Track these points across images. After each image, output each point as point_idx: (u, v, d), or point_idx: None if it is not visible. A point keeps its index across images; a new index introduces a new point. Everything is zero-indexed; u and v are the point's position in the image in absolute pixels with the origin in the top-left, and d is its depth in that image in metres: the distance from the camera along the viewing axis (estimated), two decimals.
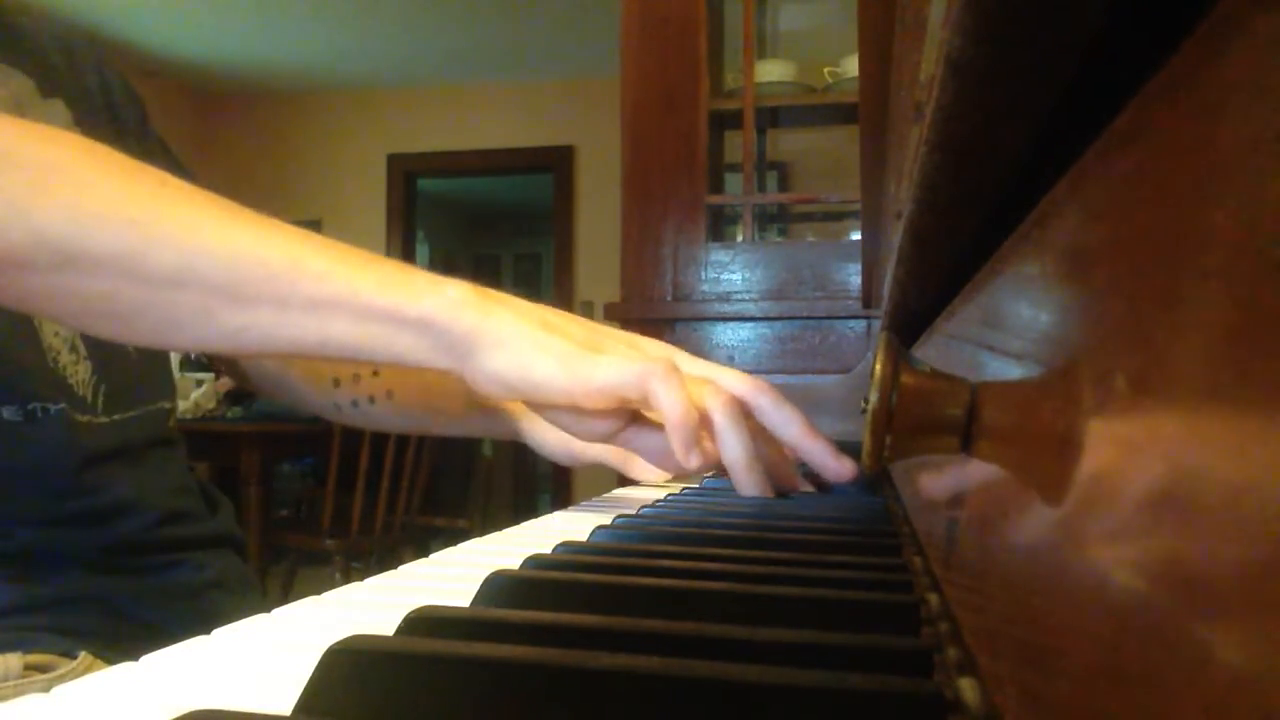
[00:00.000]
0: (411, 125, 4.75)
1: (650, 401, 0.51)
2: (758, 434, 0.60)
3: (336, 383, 0.80)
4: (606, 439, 0.57)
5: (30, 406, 0.64)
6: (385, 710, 0.21)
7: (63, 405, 0.65)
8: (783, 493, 0.60)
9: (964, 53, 0.19)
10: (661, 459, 0.58)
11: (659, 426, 0.54)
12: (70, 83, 0.79)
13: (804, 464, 0.63)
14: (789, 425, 0.59)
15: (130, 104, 0.86)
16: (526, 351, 0.50)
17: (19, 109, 0.72)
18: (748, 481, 0.57)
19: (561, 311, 0.56)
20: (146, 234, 0.47)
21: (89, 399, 0.68)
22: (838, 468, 0.60)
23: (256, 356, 0.52)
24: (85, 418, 0.67)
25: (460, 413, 0.79)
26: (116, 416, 0.70)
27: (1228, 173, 0.11)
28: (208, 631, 0.28)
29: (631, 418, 0.56)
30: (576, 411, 0.53)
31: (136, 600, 0.65)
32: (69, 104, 0.77)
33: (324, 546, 2.94)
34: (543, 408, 0.54)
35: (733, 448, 0.56)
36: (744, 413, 0.57)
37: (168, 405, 0.77)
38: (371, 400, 0.80)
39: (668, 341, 0.63)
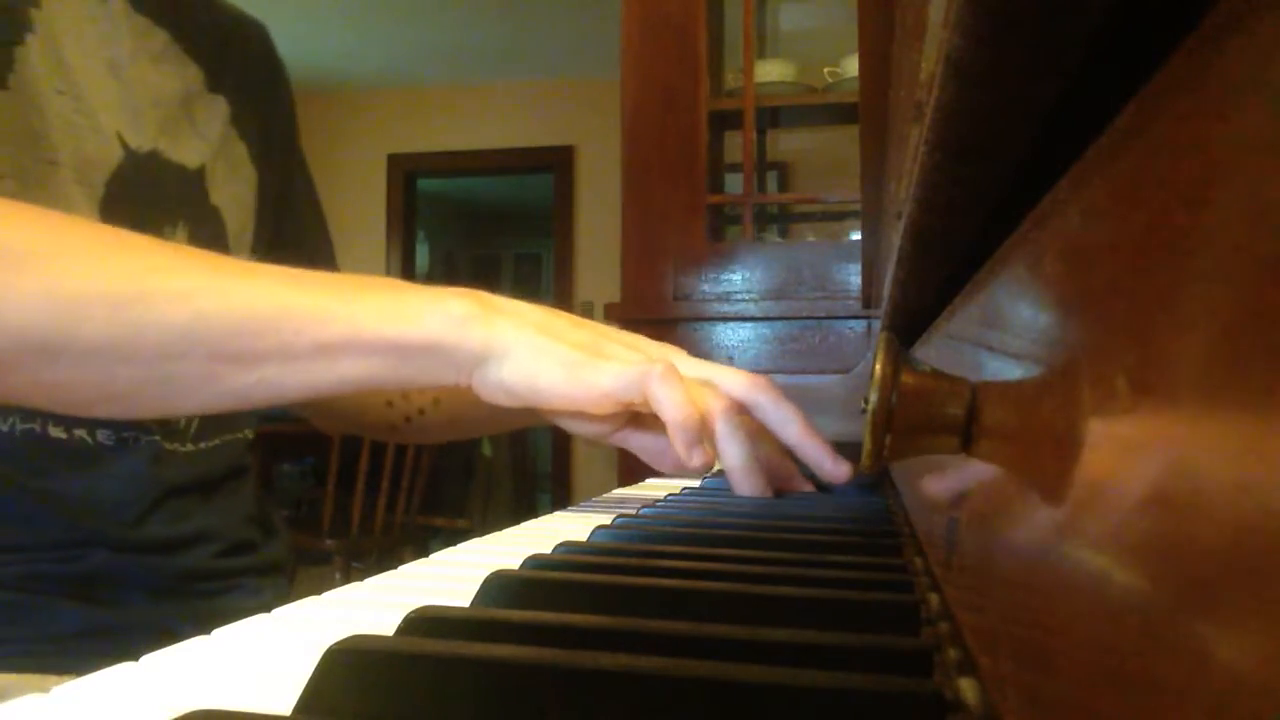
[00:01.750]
0: (411, 125, 4.75)
1: (651, 403, 0.52)
2: (757, 432, 0.60)
3: (390, 403, 0.80)
4: (604, 438, 0.57)
5: (125, 434, 0.63)
6: (385, 710, 0.21)
7: (155, 436, 0.65)
8: (781, 492, 0.60)
9: (964, 52, 0.19)
10: (658, 458, 0.58)
11: (656, 426, 0.54)
12: (235, 79, 0.77)
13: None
14: (788, 425, 0.59)
15: (284, 109, 0.85)
16: (531, 360, 0.50)
17: (186, 102, 0.72)
18: (746, 485, 0.57)
19: (561, 312, 0.56)
20: (135, 314, 0.45)
21: (182, 424, 0.67)
22: (834, 469, 0.59)
23: (271, 406, 0.51)
24: (173, 445, 0.67)
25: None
26: (203, 444, 0.69)
27: (1228, 173, 0.11)
28: None
29: (630, 417, 0.56)
30: (579, 415, 0.54)
31: (194, 626, 0.65)
32: (230, 101, 0.76)
33: (324, 546, 2.94)
34: (548, 412, 0.55)
35: (731, 454, 0.56)
36: (743, 414, 0.57)
37: (250, 433, 0.76)
38: (421, 412, 0.80)
39: (667, 343, 0.63)
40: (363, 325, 0.48)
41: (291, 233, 0.83)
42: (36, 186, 0.58)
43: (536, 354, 0.50)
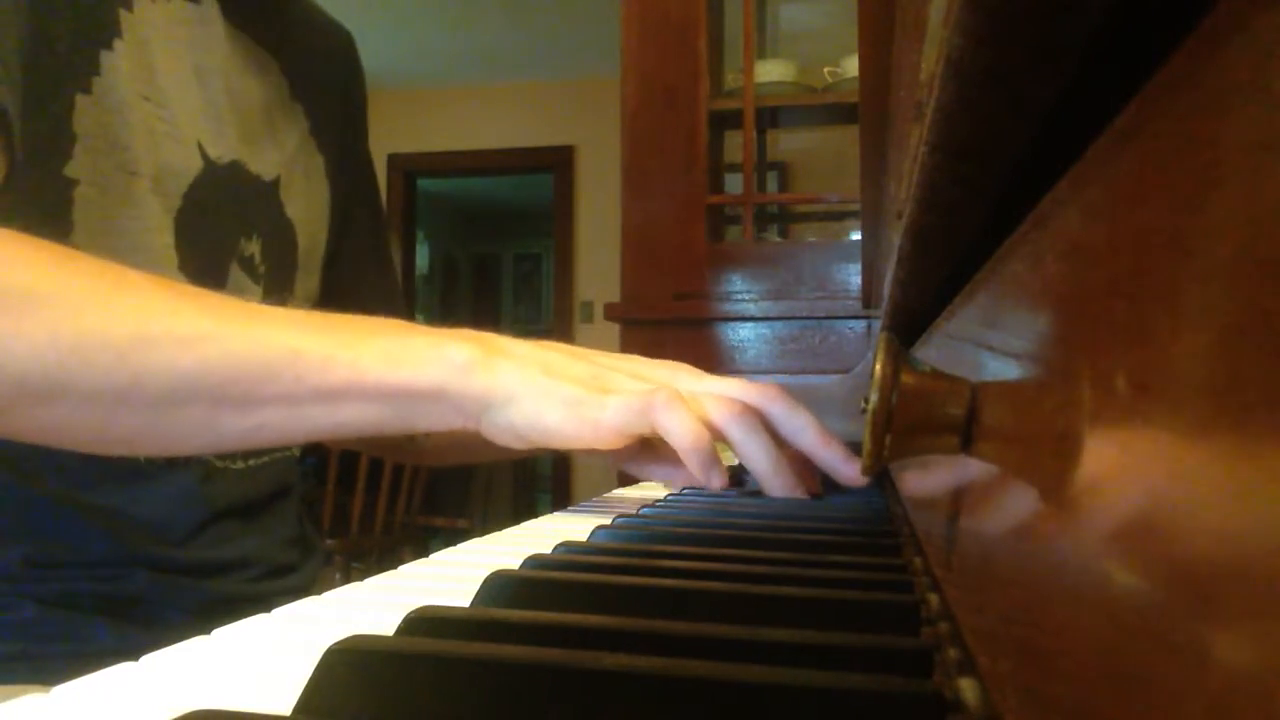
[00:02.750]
0: (411, 125, 4.75)
1: (659, 433, 0.51)
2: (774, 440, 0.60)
3: None
4: (618, 464, 0.58)
5: None
6: (385, 710, 0.21)
7: (207, 457, 0.65)
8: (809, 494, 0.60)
9: (964, 52, 0.19)
10: (674, 476, 0.58)
11: (667, 449, 0.54)
12: (316, 89, 0.76)
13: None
14: (803, 433, 0.58)
15: (359, 122, 0.84)
16: (535, 403, 0.50)
17: (268, 110, 0.71)
18: (776, 485, 0.56)
19: (562, 347, 0.55)
20: (137, 361, 0.45)
21: None
22: (851, 473, 0.58)
23: (272, 448, 0.50)
24: (224, 462, 0.66)
25: None
26: (252, 461, 0.69)
27: (1228, 173, 0.11)
28: None
29: (643, 443, 0.56)
30: (591, 450, 0.54)
31: None
32: (310, 112, 0.75)
33: (324, 546, 2.93)
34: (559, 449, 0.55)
35: (755, 458, 0.55)
36: (758, 417, 0.56)
37: (296, 450, 0.76)
38: (427, 435, 0.80)
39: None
40: (365, 371, 0.48)
41: (345, 261, 0.82)
42: (115, 195, 0.58)
43: (540, 397, 0.50)
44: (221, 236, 0.66)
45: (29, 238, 0.46)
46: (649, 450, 0.56)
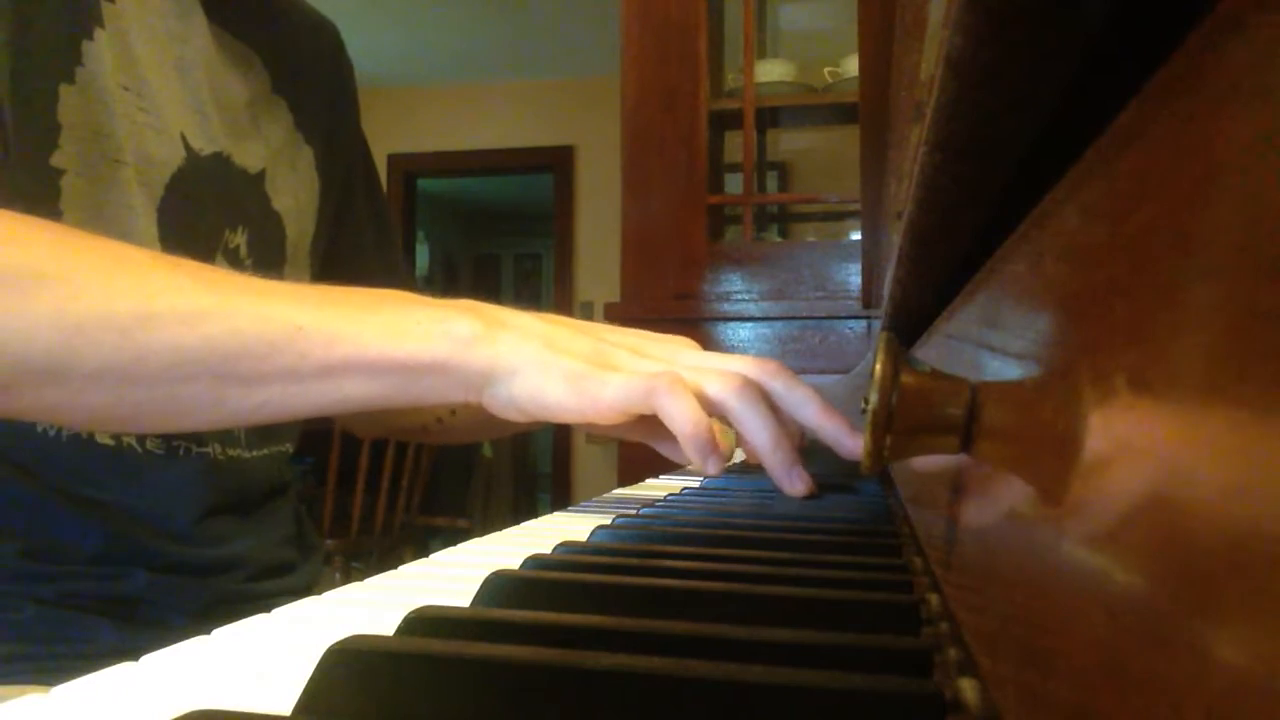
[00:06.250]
0: (411, 125, 4.75)
1: (659, 417, 0.51)
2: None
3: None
4: (619, 437, 0.58)
5: (175, 443, 0.63)
6: (385, 710, 0.21)
7: (208, 449, 0.64)
8: (813, 491, 0.59)
9: (964, 52, 0.19)
10: (675, 451, 0.58)
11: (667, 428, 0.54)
12: (303, 83, 0.76)
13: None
14: (804, 406, 0.58)
15: (349, 116, 0.83)
16: (537, 377, 0.50)
17: (250, 106, 0.71)
18: (776, 461, 0.55)
19: (565, 320, 0.55)
20: (142, 338, 0.45)
21: (236, 430, 0.67)
22: (853, 446, 0.58)
23: (272, 424, 0.51)
24: (235, 451, 0.66)
25: None
26: (254, 452, 0.69)
27: (1228, 173, 0.11)
28: None
29: (641, 418, 0.56)
30: (591, 424, 0.54)
31: None
32: (292, 107, 0.75)
33: (324, 546, 2.93)
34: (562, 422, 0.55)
35: (755, 431, 0.54)
36: (759, 392, 0.55)
37: (290, 447, 0.76)
38: (453, 412, 0.79)
39: None
40: (368, 346, 0.48)
41: (347, 250, 0.82)
42: (103, 185, 0.58)
43: (542, 370, 0.50)
44: (205, 227, 0.66)
45: (29, 218, 0.45)
46: (648, 425, 0.56)
